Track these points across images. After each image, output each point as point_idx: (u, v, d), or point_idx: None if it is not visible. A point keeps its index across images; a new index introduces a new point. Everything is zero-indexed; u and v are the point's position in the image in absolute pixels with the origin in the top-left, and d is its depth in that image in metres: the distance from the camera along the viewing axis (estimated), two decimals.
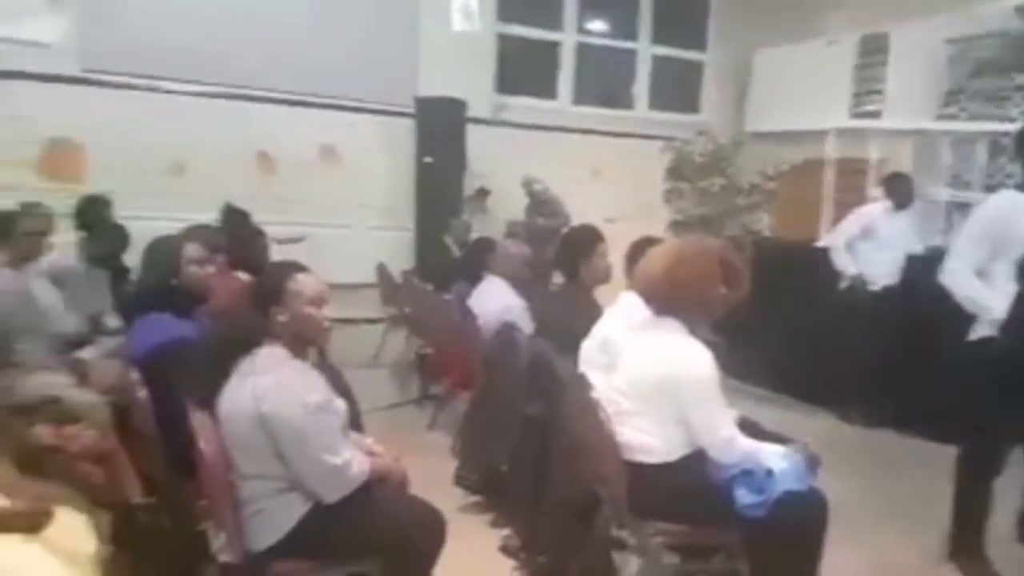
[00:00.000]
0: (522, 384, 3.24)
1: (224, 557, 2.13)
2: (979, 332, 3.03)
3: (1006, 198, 3.06)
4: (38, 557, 1.91)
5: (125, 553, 2.47)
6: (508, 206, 7.36)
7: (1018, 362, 2.72)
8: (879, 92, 6.70)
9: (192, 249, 2.75)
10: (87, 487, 2.54)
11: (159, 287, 2.67)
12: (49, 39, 6.27)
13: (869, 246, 5.23)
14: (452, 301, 4.59)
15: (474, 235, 6.61)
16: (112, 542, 2.43)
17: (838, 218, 5.59)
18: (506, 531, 3.27)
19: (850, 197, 6.00)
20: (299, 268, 2.24)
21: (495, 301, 4.04)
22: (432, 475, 3.52)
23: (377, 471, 2.28)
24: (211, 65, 6.76)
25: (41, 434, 2.49)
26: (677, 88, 8.83)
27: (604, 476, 2.55)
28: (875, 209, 5.35)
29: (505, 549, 3.16)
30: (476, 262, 4.59)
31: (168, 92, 6.69)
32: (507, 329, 3.61)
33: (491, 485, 3.52)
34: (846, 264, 5.25)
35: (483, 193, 7.52)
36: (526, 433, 3.16)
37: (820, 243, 5.62)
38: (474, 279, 4.49)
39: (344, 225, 7.19)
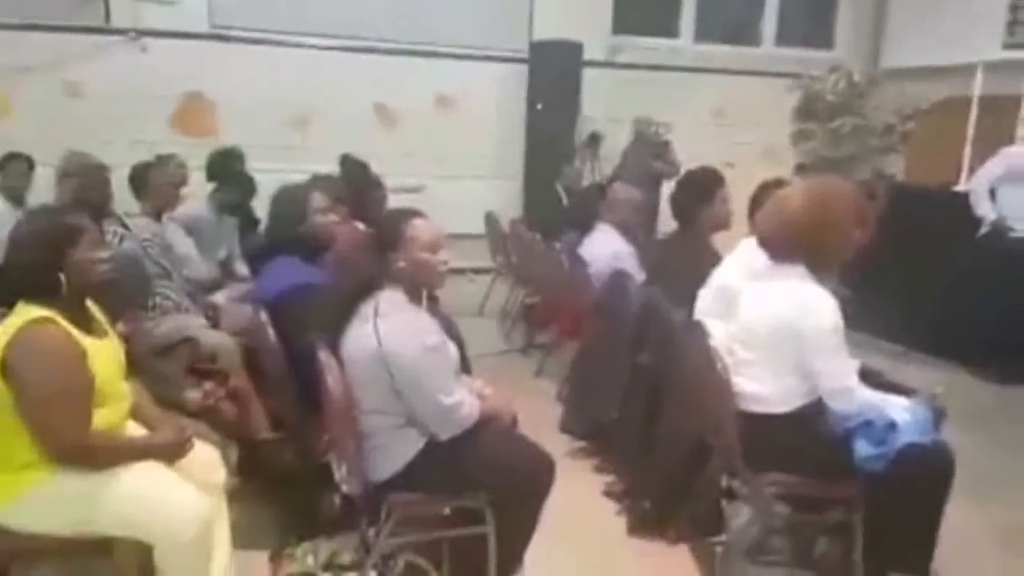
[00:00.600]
0: (632, 332, 3.20)
1: (346, 488, 2.24)
2: None
3: None
4: (177, 483, 2.09)
5: (251, 484, 2.66)
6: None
7: None
8: None
9: (318, 199, 2.85)
10: (222, 423, 2.75)
11: (287, 234, 2.79)
12: None
13: (1014, 189, 4.80)
14: (560, 250, 4.57)
15: (586, 182, 6.55)
16: (239, 473, 2.63)
17: (980, 161, 5.14)
18: (610, 477, 3.29)
19: (996, 138, 5.48)
20: (415, 214, 2.29)
21: (605, 249, 3.98)
22: (538, 421, 3.55)
23: (487, 412, 2.33)
24: (330, 18, 6.94)
25: (191, 399, 2.69)
26: (808, 23, 8.34)
27: (718, 425, 2.50)
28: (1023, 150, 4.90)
29: (609, 494, 3.19)
30: (586, 210, 4.53)
31: (290, 46, 6.92)
32: (617, 277, 3.56)
33: (597, 432, 3.53)
34: (987, 209, 4.86)
35: (596, 139, 7.39)
36: (635, 381, 3.15)
37: (960, 187, 5.20)
38: (584, 227, 4.44)
39: (455, 175, 7.27)
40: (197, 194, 4.49)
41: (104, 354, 2.07)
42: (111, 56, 6.47)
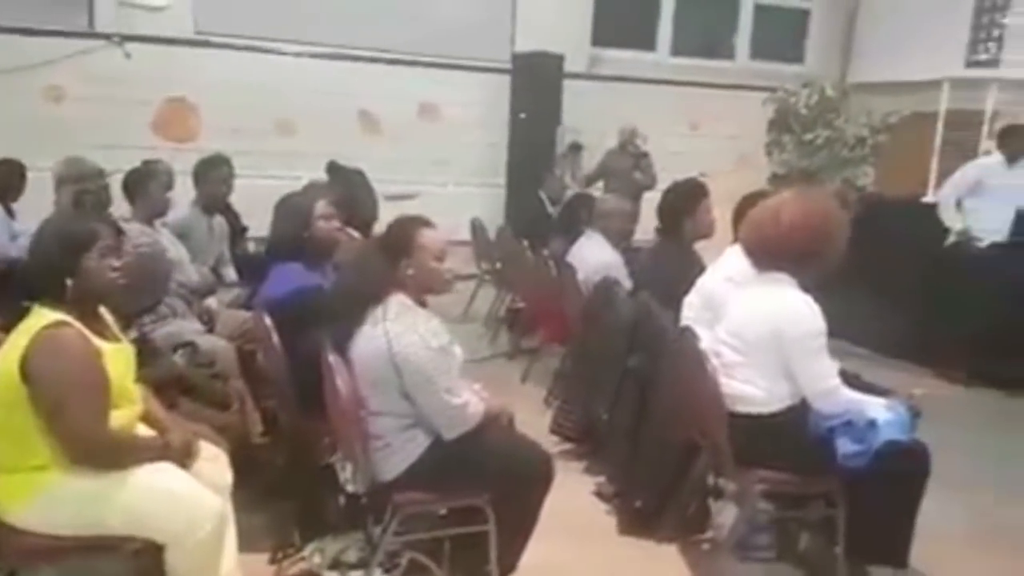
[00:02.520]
0: (623, 337, 3.31)
1: (352, 488, 2.30)
2: None
3: None
4: (189, 483, 2.14)
5: (244, 488, 2.69)
6: None
7: None
8: (998, 39, 6.31)
9: (322, 206, 2.91)
10: (223, 427, 2.78)
11: (290, 240, 2.84)
12: (164, 2, 6.61)
13: (978, 201, 5.04)
14: (548, 257, 4.66)
15: (569, 191, 6.66)
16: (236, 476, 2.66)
17: (946, 173, 5.36)
18: (600, 477, 3.38)
19: (961, 151, 5.73)
20: (425, 223, 2.38)
21: (595, 256, 4.09)
22: (526, 424, 3.62)
23: (490, 412, 2.41)
24: (314, 26, 7.00)
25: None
26: (781, 38, 8.61)
27: (707, 426, 2.62)
28: (987, 162, 5.17)
29: (599, 494, 3.28)
30: (574, 218, 4.63)
31: (277, 53, 6.97)
32: (607, 284, 3.67)
33: (586, 433, 3.62)
34: (953, 219, 5.08)
35: (576, 148, 7.53)
36: (625, 384, 3.24)
37: (928, 198, 5.41)
38: (571, 235, 4.54)
39: (439, 182, 7.37)
40: (179, 200, 4.51)
41: (117, 357, 2.11)
42: (94, 60, 6.46)
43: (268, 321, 2.63)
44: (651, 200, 5.95)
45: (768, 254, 2.49)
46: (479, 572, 2.42)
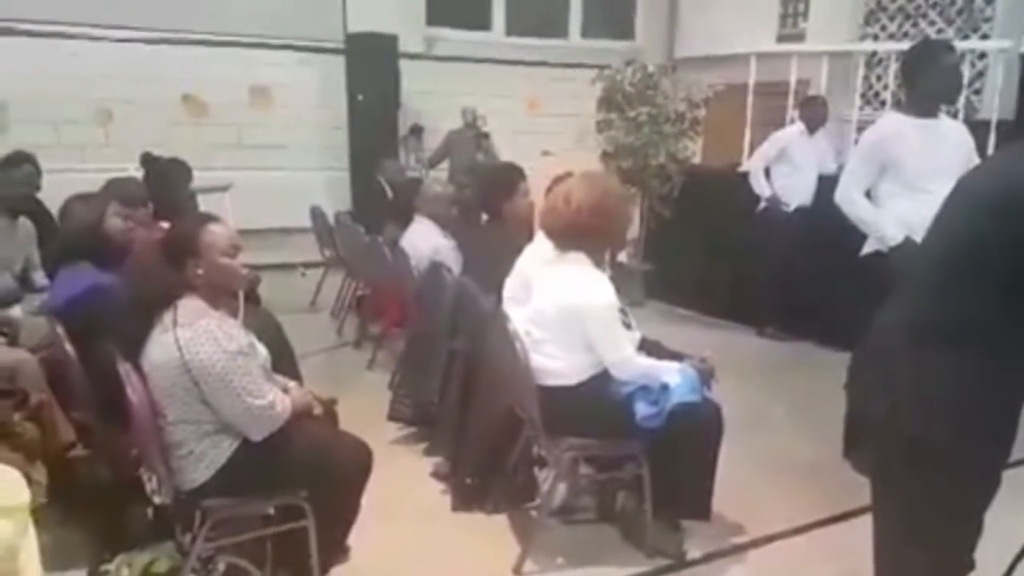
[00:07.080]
0: (448, 321, 3.38)
1: (157, 499, 2.24)
2: (868, 247, 3.25)
3: (890, 120, 3.24)
4: None
5: (64, 504, 2.57)
6: None
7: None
8: (803, 14, 6.79)
9: (113, 204, 2.75)
10: (23, 444, 2.63)
11: (81, 244, 2.69)
12: None
13: (784, 169, 5.40)
14: (383, 243, 4.66)
15: (411, 173, 6.67)
16: (49, 494, 2.54)
17: (759, 142, 5.73)
18: (437, 459, 3.44)
19: (771, 121, 6.13)
20: (211, 219, 2.30)
21: (424, 242, 4.13)
22: (371, 411, 3.71)
23: (300, 408, 2.39)
24: (136, 8, 6.58)
25: None
26: (611, 15, 8.84)
27: (522, 401, 2.74)
28: (790, 132, 5.51)
29: (436, 475, 3.35)
30: (406, 203, 4.64)
31: (90, 39, 6.51)
32: (435, 269, 3.72)
33: (424, 417, 3.68)
34: (762, 187, 5.43)
35: (418, 130, 7.52)
36: (452, 366, 3.32)
37: (741, 167, 5.78)
38: (405, 220, 4.56)
39: (277, 167, 7.16)
40: None
41: None
42: None
43: (60, 329, 2.50)
44: None
45: (563, 235, 2.62)
46: (304, 568, 2.41)
